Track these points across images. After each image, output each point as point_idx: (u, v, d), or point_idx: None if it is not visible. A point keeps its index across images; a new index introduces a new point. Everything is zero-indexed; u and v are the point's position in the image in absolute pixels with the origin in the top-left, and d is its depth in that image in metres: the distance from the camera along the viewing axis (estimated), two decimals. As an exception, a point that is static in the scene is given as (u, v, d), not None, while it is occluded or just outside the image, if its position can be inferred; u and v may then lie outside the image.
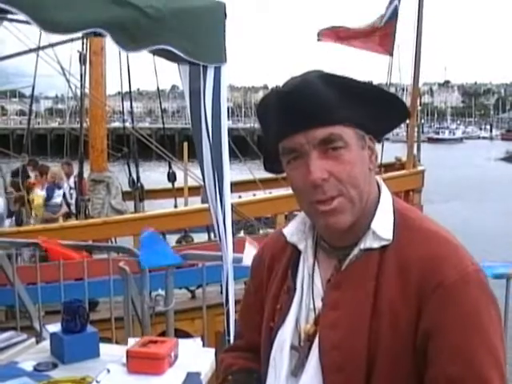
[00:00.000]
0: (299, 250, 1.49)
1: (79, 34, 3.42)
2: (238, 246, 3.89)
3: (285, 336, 1.43)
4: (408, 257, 1.30)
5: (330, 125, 1.30)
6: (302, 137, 1.30)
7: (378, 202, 1.40)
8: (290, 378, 1.40)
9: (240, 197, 9.11)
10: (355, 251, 1.37)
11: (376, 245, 1.35)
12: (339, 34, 9.00)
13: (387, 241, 1.34)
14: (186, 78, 3.40)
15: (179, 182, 10.06)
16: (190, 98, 3.44)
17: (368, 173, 1.37)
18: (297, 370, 1.40)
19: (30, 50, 4.72)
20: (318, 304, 1.40)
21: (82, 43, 9.22)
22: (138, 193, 9.75)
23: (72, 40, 4.13)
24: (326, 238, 1.44)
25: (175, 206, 9.60)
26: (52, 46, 4.59)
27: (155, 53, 3.20)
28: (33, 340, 2.90)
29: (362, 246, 1.36)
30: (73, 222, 8.73)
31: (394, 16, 8.83)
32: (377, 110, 1.36)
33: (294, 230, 1.51)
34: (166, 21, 3.00)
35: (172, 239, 8.54)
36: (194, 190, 9.29)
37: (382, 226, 1.36)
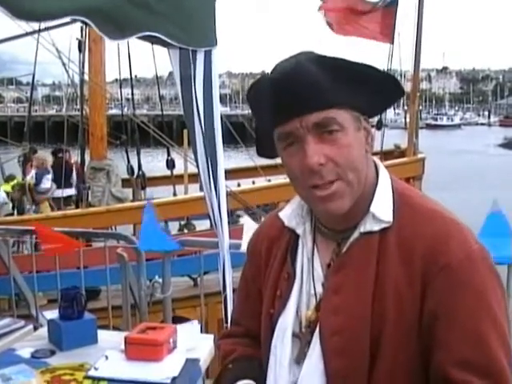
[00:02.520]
0: (297, 234, 1.47)
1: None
2: (239, 234, 3.88)
3: (286, 323, 1.42)
4: (410, 236, 1.29)
5: (324, 109, 1.27)
6: (296, 122, 1.28)
7: (377, 183, 1.38)
8: (293, 365, 1.39)
9: (239, 184, 9.09)
10: (355, 234, 1.36)
11: (376, 227, 1.33)
12: (341, 14, 8.87)
13: (387, 223, 1.33)
14: (177, 64, 3.35)
15: (178, 169, 10.03)
16: (181, 83, 3.40)
17: (365, 155, 1.35)
18: (299, 357, 1.39)
19: (27, 34, 4.67)
20: (319, 289, 1.39)
21: (81, 31, 9.18)
22: (139, 181, 9.72)
23: (69, 23, 4.09)
24: (324, 221, 1.43)
25: (174, 194, 9.58)
26: (48, 29, 4.55)
27: (143, 39, 3.15)
28: (30, 327, 2.89)
29: (361, 229, 1.35)
30: (75, 210, 8.71)
31: (394, 3, 8.79)
32: (370, 89, 1.33)
33: (291, 214, 1.49)
34: (152, 5, 2.95)
35: (174, 227, 8.53)
36: (194, 177, 9.27)
37: (382, 208, 1.34)
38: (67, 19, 2.75)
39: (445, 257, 1.25)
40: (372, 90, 1.33)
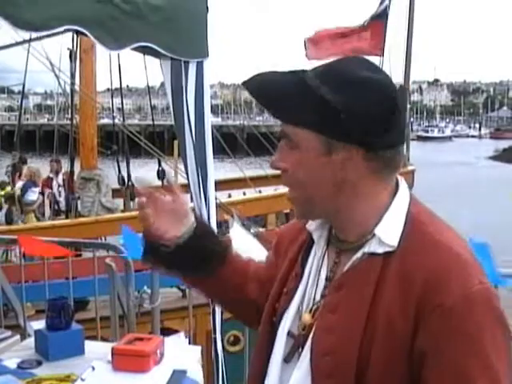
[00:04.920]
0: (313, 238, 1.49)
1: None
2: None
3: (285, 320, 1.43)
4: (412, 267, 1.25)
5: (284, 122, 1.33)
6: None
7: (389, 206, 1.35)
8: (282, 364, 1.40)
9: (230, 195, 9.09)
10: (359, 254, 1.33)
11: (380, 250, 1.30)
12: (325, 42, 9.00)
13: (391, 247, 1.29)
14: (168, 74, 3.37)
15: (169, 180, 10.00)
16: (172, 94, 3.41)
17: (336, 182, 1.31)
18: (290, 357, 1.39)
19: (17, 43, 4.68)
20: (319, 297, 1.40)
21: (72, 40, 9.18)
22: (128, 191, 9.70)
23: (62, 33, 4.10)
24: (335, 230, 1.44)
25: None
26: (40, 38, 4.56)
27: (136, 50, 3.17)
28: (17, 337, 2.88)
29: (366, 249, 1.32)
30: (64, 220, 8.69)
31: (384, 16, 8.86)
32: (357, 121, 1.26)
33: None
34: (147, 17, 2.98)
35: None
36: (184, 188, 9.22)
37: (388, 231, 1.31)
38: (64, 29, 2.77)
39: (441, 295, 1.20)
40: (362, 122, 1.26)
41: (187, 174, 3.57)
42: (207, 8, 3.41)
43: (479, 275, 1.24)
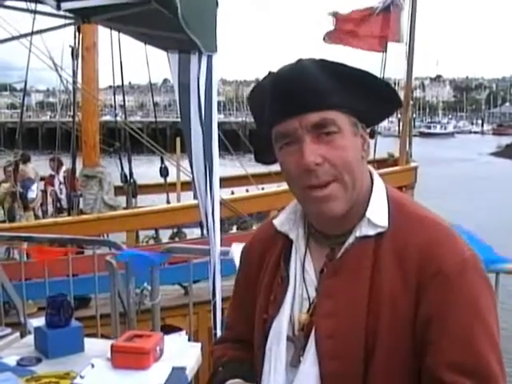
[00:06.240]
0: (290, 239, 1.48)
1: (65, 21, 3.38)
2: (231, 243, 3.87)
3: (280, 327, 1.42)
4: (405, 243, 1.31)
5: (323, 109, 1.29)
6: (295, 121, 1.30)
7: (372, 190, 1.40)
8: (290, 369, 1.40)
9: (233, 192, 9.08)
10: (350, 239, 1.36)
11: (372, 232, 1.35)
12: (340, 30, 8.97)
13: (383, 228, 1.34)
14: (176, 68, 3.34)
15: (171, 177, 10.00)
16: (179, 88, 3.38)
17: (360, 160, 1.37)
18: (295, 360, 1.39)
19: (13, 38, 4.67)
20: (312, 293, 1.40)
21: (74, 38, 9.16)
22: (130, 189, 9.69)
23: (65, 25, 4.09)
24: (317, 226, 1.43)
25: (168, 202, 9.56)
26: (41, 32, 4.55)
27: (140, 39, 3.16)
28: (17, 334, 2.88)
29: (357, 233, 1.36)
30: (66, 218, 8.68)
31: (387, 12, 8.83)
32: (369, 97, 1.35)
33: (284, 220, 1.50)
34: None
35: (165, 235, 8.52)
36: (187, 185, 9.24)
37: (377, 213, 1.36)
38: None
39: (438, 264, 1.26)
40: (371, 98, 1.35)
41: (192, 170, 3.54)
42: (217, 3, 3.37)
43: (466, 244, 1.33)
